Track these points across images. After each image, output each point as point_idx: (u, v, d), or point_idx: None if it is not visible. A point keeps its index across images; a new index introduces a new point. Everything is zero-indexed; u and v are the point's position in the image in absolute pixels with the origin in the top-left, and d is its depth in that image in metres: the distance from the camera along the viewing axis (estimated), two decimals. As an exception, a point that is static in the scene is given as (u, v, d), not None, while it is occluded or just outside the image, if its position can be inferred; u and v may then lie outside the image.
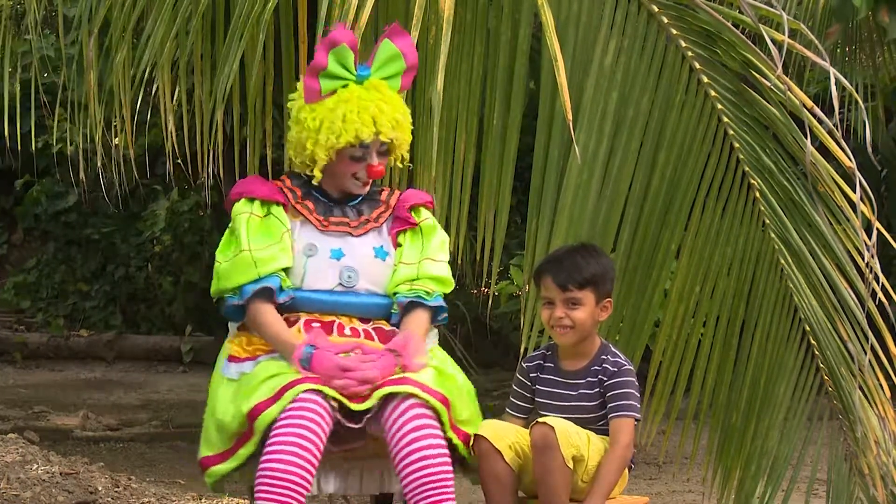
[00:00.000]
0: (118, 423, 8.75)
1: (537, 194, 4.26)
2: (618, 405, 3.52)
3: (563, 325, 3.56)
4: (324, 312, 3.57)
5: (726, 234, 4.35)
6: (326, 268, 3.58)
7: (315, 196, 3.65)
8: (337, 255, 3.59)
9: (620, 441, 3.49)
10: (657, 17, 4.28)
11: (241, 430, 3.40)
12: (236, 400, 3.43)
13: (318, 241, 3.59)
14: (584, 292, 3.55)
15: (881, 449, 4.19)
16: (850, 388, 4.21)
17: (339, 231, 3.61)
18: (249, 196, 3.60)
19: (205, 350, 10.60)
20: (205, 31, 4.36)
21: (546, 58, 4.18)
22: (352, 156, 3.58)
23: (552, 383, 3.63)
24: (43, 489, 5.32)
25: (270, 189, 3.62)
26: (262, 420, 3.34)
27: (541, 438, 3.43)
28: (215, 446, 3.47)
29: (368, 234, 3.64)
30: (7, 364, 10.98)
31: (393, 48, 3.61)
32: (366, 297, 3.60)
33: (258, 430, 3.35)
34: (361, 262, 3.60)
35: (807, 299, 4.29)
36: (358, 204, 3.67)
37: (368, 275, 3.60)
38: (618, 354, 3.61)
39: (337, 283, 3.58)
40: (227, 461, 3.43)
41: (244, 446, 3.39)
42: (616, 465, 3.48)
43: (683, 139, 4.31)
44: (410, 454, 3.33)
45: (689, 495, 6.62)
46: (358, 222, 3.63)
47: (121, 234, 11.60)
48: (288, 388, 3.35)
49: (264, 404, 3.35)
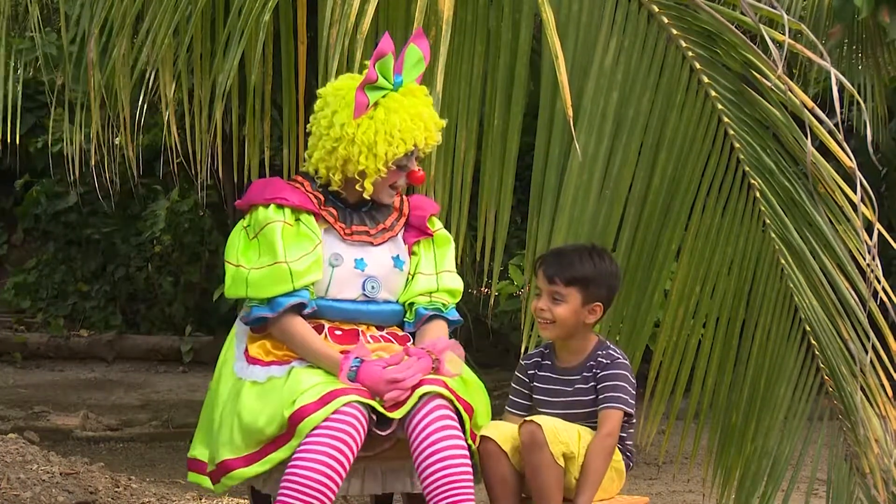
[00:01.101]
0: (118, 423, 8.74)
1: (538, 194, 4.26)
2: (606, 396, 3.52)
3: (543, 318, 3.57)
4: (346, 321, 3.58)
5: (726, 234, 4.35)
6: (351, 278, 3.59)
7: (333, 201, 3.64)
8: (360, 265, 3.61)
9: (603, 430, 3.48)
10: (657, 17, 4.27)
11: (278, 433, 3.37)
12: (271, 403, 3.40)
13: (343, 250, 3.60)
14: (568, 289, 3.54)
15: (882, 449, 4.19)
16: (851, 388, 4.20)
17: (360, 241, 3.62)
18: (280, 203, 3.56)
19: (205, 350, 10.59)
20: (204, 30, 4.36)
21: (546, 58, 4.17)
22: (399, 164, 3.58)
23: (549, 380, 3.63)
24: (43, 489, 5.31)
25: (301, 197, 3.59)
26: (305, 424, 3.33)
27: (529, 437, 3.43)
28: (239, 448, 3.42)
29: (386, 243, 3.66)
30: (7, 364, 10.97)
31: (418, 53, 3.62)
32: (384, 306, 3.64)
33: (300, 434, 3.33)
34: (382, 272, 3.63)
35: (807, 299, 4.29)
36: (371, 210, 3.67)
37: (388, 284, 3.64)
38: (613, 349, 3.61)
39: (360, 293, 3.60)
40: (256, 464, 3.41)
41: (279, 450, 3.37)
42: (599, 454, 3.46)
43: (684, 139, 4.30)
44: (434, 454, 3.34)
45: (689, 495, 6.62)
46: (376, 230, 3.65)
47: (121, 234, 11.59)
48: (335, 395, 3.34)
49: (309, 408, 3.34)
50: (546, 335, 3.62)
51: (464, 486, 3.35)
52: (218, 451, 3.46)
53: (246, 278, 3.51)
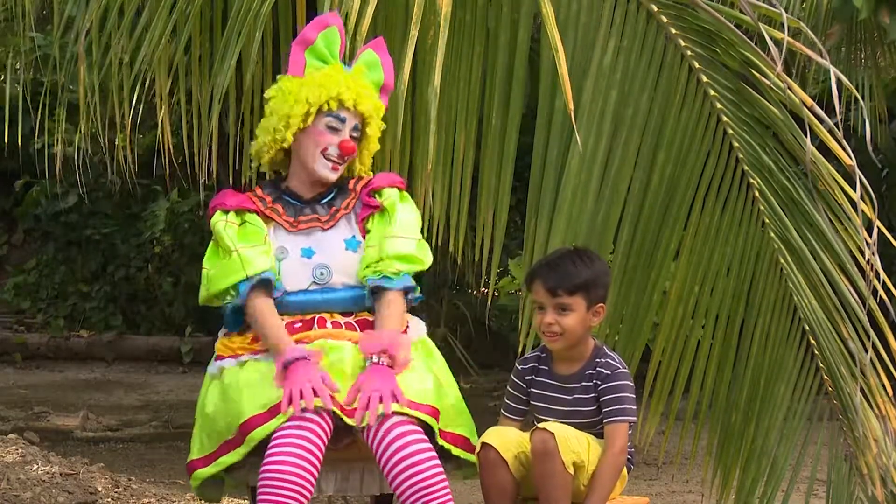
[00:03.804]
0: (118, 423, 8.75)
1: (536, 194, 4.25)
2: (612, 410, 3.50)
3: (552, 332, 3.53)
4: (305, 312, 3.54)
5: (725, 233, 4.35)
6: (298, 268, 3.55)
7: (285, 199, 3.63)
8: (307, 253, 3.57)
9: (614, 446, 3.47)
10: (656, 16, 4.27)
11: (228, 435, 3.37)
12: (224, 402, 3.41)
13: (288, 242, 3.58)
14: (574, 298, 3.51)
15: (881, 449, 4.18)
16: (850, 388, 4.20)
17: (308, 228, 3.59)
18: (222, 208, 3.59)
19: (205, 351, 10.59)
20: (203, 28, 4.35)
21: (545, 57, 4.18)
22: (328, 125, 3.56)
23: (548, 387, 3.60)
24: (43, 490, 5.31)
25: (240, 199, 3.61)
26: (254, 435, 3.31)
27: (541, 444, 3.41)
28: (202, 448, 3.44)
29: (339, 227, 3.60)
30: (7, 365, 10.98)
31: (373, 55, 3.67)
32: (343, 292, 3.57)
33: (248, 444, 3.32)
34: (333, 257, 3.57)
35: (806, 299, 4.29)
36: (331, 200, 3.64)
37: (342, 268, 3.57)
38: (612, 356, 3.59)
39: (311, 281, 3.55)
40: (210, 465, 3.41)
41: (228, 454, 3.36)
42: (610, 470, 3.46)
43: (683, 138, 4.30)
44: (398, 463, 3.29)
45: (689, 496, 6.62)
46: (328, 215, 3.61)
47: (121, 235, 11.60)
48: (282, 408, 3.31)
49: (259, 419, 3.32)
50: (554, 347, 3.57)
51: (437, 486, 3.30)
52: (190, 451, 3.49)
53: (206, 277, 3.55)
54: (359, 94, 3.57)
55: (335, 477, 3.52)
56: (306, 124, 3.57)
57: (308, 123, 3.57)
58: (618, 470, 3.49)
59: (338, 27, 3.62)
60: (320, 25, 3.61)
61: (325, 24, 3.60)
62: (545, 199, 4.24)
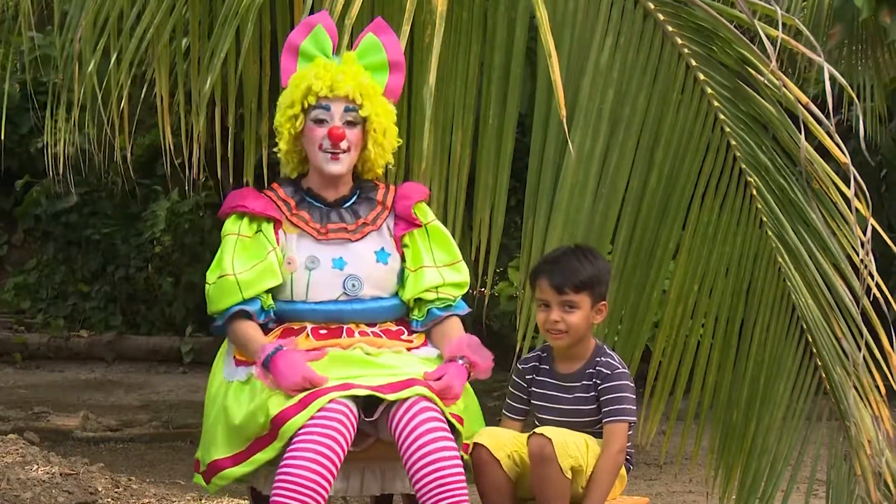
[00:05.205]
0: (118, 423, 8.75)
1: (533, 193, 4.25)
2: (611, 409, 3.49)
3: (557, 329, 3.52)
4: (329, 321, 3.54)
5: (724, 232, 4.35)
6: (330, 279, 3.54)
7: (309, 202, 3.60)
8: (339, 264, 3.55)
9: (613, 446, 3.46)
10: (653, 14, 4.27)
11: (261, 433, 3.36)
12: (254, 402, 3.39)
13: (319, 252, 3.55)
14: (580, 295, 3.51)
15: (874, 449, 4.18)
16: (845, 387, 4.20)
17: (337, 238, 3.57)
18: (241, 211, 3.56)
19: (205, 351, 10.60)
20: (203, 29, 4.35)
21: (542, 56, 4.17)
22: (315, 119, 3.55)
23: (548, 386, 3.59)
24: (43, 490, 5.31)
25: (264, 204, 3.57)
26: (288, 427, 3.30)
27: (538, 450, 3.39)
28: (227, 448, 3.42)
29: (368, 238, 3.59)
30: (7, 365, 10.99)
31: (373, 38, 3.63)
32: (371, 303, 3.57)
33: (283, 437, 3.31)
34: (364, 269, 3.56)
35: (803, 297, 4.29)
36: (354, 205, 3.62)
37: (372, 280, 3.57)
38: (612, 356, 3.58)
39: (341, 292, 3.55)
40: (242, 464, 3.39)
41: (263, 451, 3.35)
42: (609, 470, 3.45)
43: (680, 137, 4.30)
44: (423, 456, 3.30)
45: (689, 496, 6.62)
46: (356, 226, 3.59)
47: (121, 235, 11.61)
48: (316, 396, 3.31)
49: (291, 410, 3.31)
50: (559, 345, 3.56)
51: (456, 486, 3.31)
52: (209, 451, 3.46)
53: (207, 293, 3.56)
54: (334, 80, 3.53)
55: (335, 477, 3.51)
56: (297, 129, 3.57)
57: (299, 126, 3.57)
58: (616, 470, 3.48)
59: (323, 24, 3.58)
60: (306, 28, 3.58)
61: (310, 26, 3.57)
62: (542, 198, 4.23)
